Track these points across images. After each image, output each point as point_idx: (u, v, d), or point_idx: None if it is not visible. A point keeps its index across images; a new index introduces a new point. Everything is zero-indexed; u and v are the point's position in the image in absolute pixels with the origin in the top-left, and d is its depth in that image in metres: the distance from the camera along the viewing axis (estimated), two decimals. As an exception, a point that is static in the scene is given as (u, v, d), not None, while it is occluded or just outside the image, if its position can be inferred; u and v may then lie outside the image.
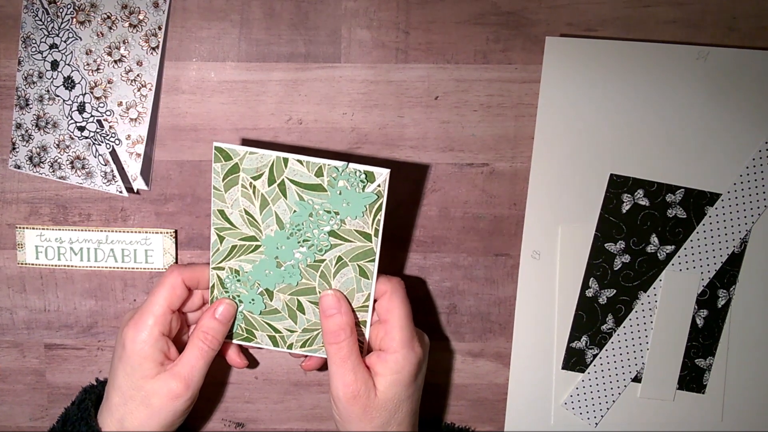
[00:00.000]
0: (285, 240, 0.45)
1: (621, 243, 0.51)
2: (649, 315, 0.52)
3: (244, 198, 0.44)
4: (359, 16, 0.49)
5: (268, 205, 0.44)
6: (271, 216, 0.44)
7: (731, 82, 0.49)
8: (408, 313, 0.46)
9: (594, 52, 0.49)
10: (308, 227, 0.44)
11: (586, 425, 0.53)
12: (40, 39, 0.49)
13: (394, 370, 0.45)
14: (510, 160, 0.51)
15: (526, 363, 0.53)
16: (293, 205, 0.44)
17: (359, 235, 0.44)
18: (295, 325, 0.47)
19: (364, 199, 0.43)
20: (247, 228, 0.45)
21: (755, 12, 0.49)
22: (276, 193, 0.44)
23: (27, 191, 0.52)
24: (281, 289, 0.46)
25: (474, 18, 0.50)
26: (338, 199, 0.43)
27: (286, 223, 0.44)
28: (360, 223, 0.44)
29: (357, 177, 0.43)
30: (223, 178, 0.43)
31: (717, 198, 0.51)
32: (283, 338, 0.48)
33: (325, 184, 0.43)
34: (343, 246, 0.45)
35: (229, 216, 0.45)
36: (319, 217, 0.44)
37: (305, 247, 0.45)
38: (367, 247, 0.45)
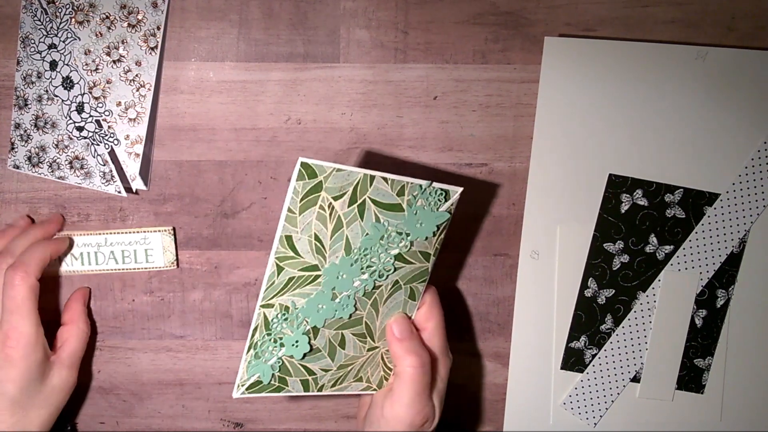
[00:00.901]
0: (348, 267, 0.41)
1: (620, 243, 0.51)
2: (648, 315, 0.52)
3: (318, 221, 0.40)
4: (358, 16, 0.49)
5: (342, 228, 0.41)
6: (341, 241, 0.41)
7: (730, 82, 0.49)
8: (443, 320, 0.46)
9: (593, 52, 0.49)
10: (376, 251, 0.42)
11: (585, 425, 0.53)
12: (39, 39, 0.49)
13: (438, 378, 0.46)
14: (509, 160, 0.51)
15: (525, 363, 0.53)
16: (368, 227, 0.41)
17: (421, 256, 0.43)
18: (332, 363, 0.44)
19: (437, 219, 0.42)
20: (312, 256, 0.41)
21: (754, 12, 0.49)
22: (354, 215, 0.40)
23: (26, 191, 0.52)
24: (329, 324, 0.43)
25: (473, 18, 0.50)
26: (413, 219, 0.41)
27: (354, 248, 0.41)
28: (425, 244, 0.43)
29: (436, 196, 0.41)
30: (303, 197, 0.39)
31: (716, 198, 0.51)
32: (315, 380, 0.44)
33: (404, 204, 0.41)
34: (404, 269, 0.43)
35: (296, 243, 0.40)
36: (390, 239, 0.42)
37: (367, 274, 0.42)
38: (423, 268, 0.43)
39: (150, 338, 0.54)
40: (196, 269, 0.53)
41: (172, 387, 0.54)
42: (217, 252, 0.53)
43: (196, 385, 0.54)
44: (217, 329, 0.54)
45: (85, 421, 0.55)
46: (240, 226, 0.52)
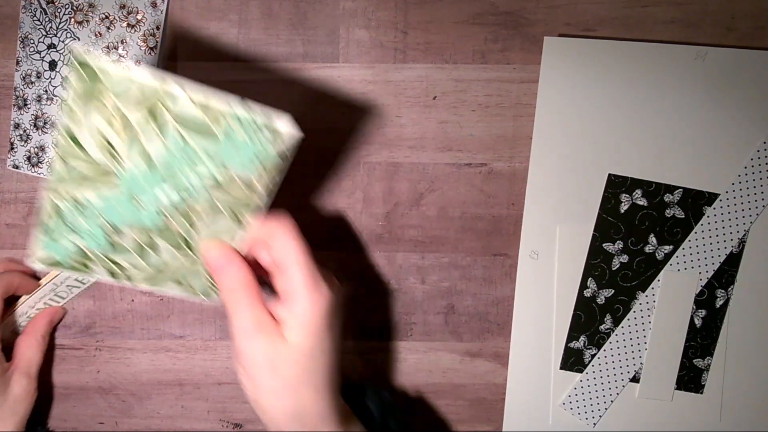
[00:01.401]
0: (150, 179, 0.37)
1: (619, 243, 0.51)
2: (647, 315, 0.52)
3: (102, 119, 0.34)
4: (357, 16, 0.49)
5: (137, 137, 0.35)
6: (137, 147, 0.35)
7: (729, 82, 0.49)
8: (306, 251, 0.39)
9: (592, 52, 0.49)
10: (184, 170, 0.36)
11: (585, 425, 0.53)
12: (39, 39, 0.49)
13: (302, 317, 0.38)
14: (508, 160, 0.51)
15: (525, 363, 0.53)
16: (171, 143, 0.35)
17: (243, 185, 0.38)
18: (141, 262, 0.40)
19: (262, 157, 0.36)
20: (102, 157, 0.36)
21: (753, 12, 0.49)
22: (150, 127, 0.34)
23: (25, 191, 0.52)
24: (132, 228, 0.39)
25: (472, 18, 0.50)
26: (229, 149, 0.36)
27: (156, 162, 0.36)
28: (249, 175, 0.37)
29: (259, 129, 0.35)
30: (84, 94, 0.33)
31: (715, 198, 0.51)
32: (125, 272, 0.41)
33: (219, 135, 0.35)
34: (222, 194, 0.38)
35: (80, 139, 0.35)
36: (200, 161, 0.36)
37: (173, 190, 0.37)
38: (247, 198, 0.38)
39: (149, 338, 0.54)
40: (195, 269, 0.53)
41: (172, 387, 0.54)
42: (217, 252, 0.53)
43: (195, 386, 0.54)
44: (217, 329, 0.54)
45: (85, 421, 0.55)
46: (239, 226, 0.52)
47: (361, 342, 0.54)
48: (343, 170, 0.51)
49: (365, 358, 0.55)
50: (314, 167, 0.51)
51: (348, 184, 0.52)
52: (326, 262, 0.53)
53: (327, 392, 0.40)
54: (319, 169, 0.51)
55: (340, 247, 0.53)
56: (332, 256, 0.53)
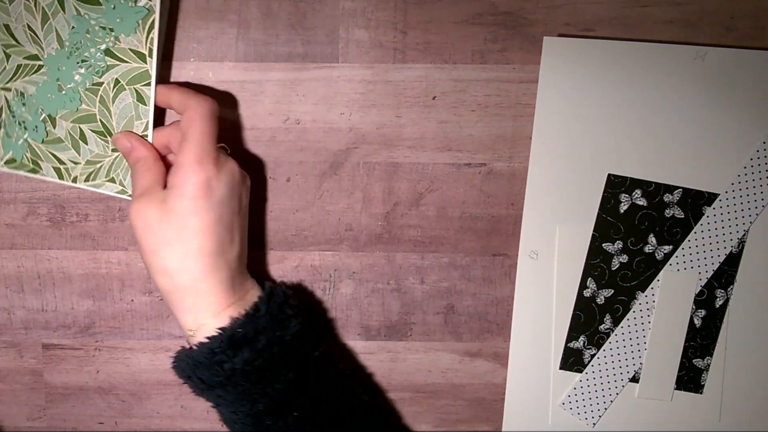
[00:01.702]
0: (65, 60, 0.45)
1: (619, 243, 0.51)
2: (647, 315, 0.52)
3: (26, 12, 0.45)
4: (357, 16, 0.49)
5: (49, 20, 0.45)
6: (51, 33, 0.45)
7: (729, 82, 0.49)
8: (206, 131, 0.44)
9: (592, 52, 0.49)
10: (86, 45, 0.45)
11: (584, 425, 0.53)
12: None
13: (180, 182, 0.43)
14: (508, 160, 0.51)
15: (524, 363, 0.53)
16: (71, 20, 0.44)
17: (134, 54, 0.45)
18: (78, 156, 0.48)
19: (136, 14, 0.44)
20: (31, 45, 0.46)
21: (753, 12, 0.49)
22: (55, 7, 0.44)
23: (25, 191, 0.52)
24: (63, 115, 0.47)
25: (472, 18, 0.49)
26: (112, 14, 0.44)
27: (65, 41, 0.45)
28: (134, 41, 0.44)
29: None
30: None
31: (715, 198, 0.51)
32: (68, 170, 0.48)
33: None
34: (120, 67, 0.45)
35: (14, 31, 0.46)
36: (95, 33, 0.45)
37: (84, 69, 0.45)
38: (142, 69, 0.45)
39: (149, 338, 0.54)
40: (194, 269, 0.53)
41: (171, 387, 0.54)
42: (216, 252, 0.52)
43: (195, 385, 0.54)
44: (216, 329, 0.54)
45: (84, 421, 0.55)
46: (239, 226, 0.52)
47: (361, 342, 0.54)
48: (343, 170, 0.51)
49: (365, 357, 0.55)
50: (313, 167, 0.51)
51: (347, 184, 0.52)
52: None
53: (200, 255, 0.44)
54: (319, 170, 0.51)
55: (340, 247, 0.53)
56: (332, 255, 0.53)
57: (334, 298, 0.54)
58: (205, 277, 0.44)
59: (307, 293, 0.53)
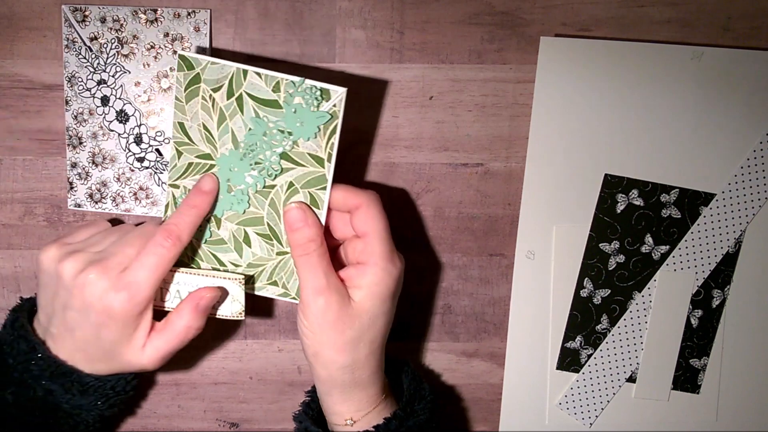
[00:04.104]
0: (238, 161, 0.44)
1: (615, 243, 0.51)
2: (643, 315, 0.52)
3: (203, 111, 0.43)
4: (354, 16, 0.49)
5: (226, 120, 0.43)
6: (227, 133, 0.43)
7: (725, 82, 0.49)
8: (387, 226, 0.44)
9: (588, 52, 0.49)
10: (261, 148, 0.43)
11: (581, 425, 0.53)
12: (87, 77, 0.49)
13: (374, 282, 0.43)
14: (504, 160, 0.51)
15: (521, 363, 0.53)
16: (249, 122, 0.43)
17: (312, 159, 0.43)
18: (240, 258, 0.46)
19: (318, 119, 0.42)
20: (204, 144, 0.44)
21: (749, 12, 0.49)
22: (234, 108, 0.43)
23: (22, 191, 0.52)
24: (229, 217, 0.45)
25: (468, 18, 0.50)
26: (292, 117, 0.42)
27: (240, 142, 0.43)
28: (313, 145, 0.43)
29: (312, 94, 0.41)
30: (185, 88, 0.43)
31: (711, 198, 0.51)
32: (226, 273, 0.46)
33: (281, 101, 0.42)
34: (295, 171, 0.43)
35: (188, 130, 0.44)
36: (273, 136, 0.43)
37: (257, 171, 0.44)
38: (319, 173, 0.43)
39: (146, 338, 0.54)
40: (191, 269, 0.53)
41: (168, 387, 0.54)
42: (213, 252, 0.53)
43: (191, 385, 0.54)
44: (213, 330, 0.54)
45: (81, 421, 0.55)
46: (236, 226, 0.52)
47: (358, 342, 0.54)
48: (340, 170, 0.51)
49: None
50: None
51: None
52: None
53: (379, 352, 0.45)
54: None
55: (337, 247, 0.53)
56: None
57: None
58: (378, 371, 0.45)
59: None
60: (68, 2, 0.48)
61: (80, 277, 0.42)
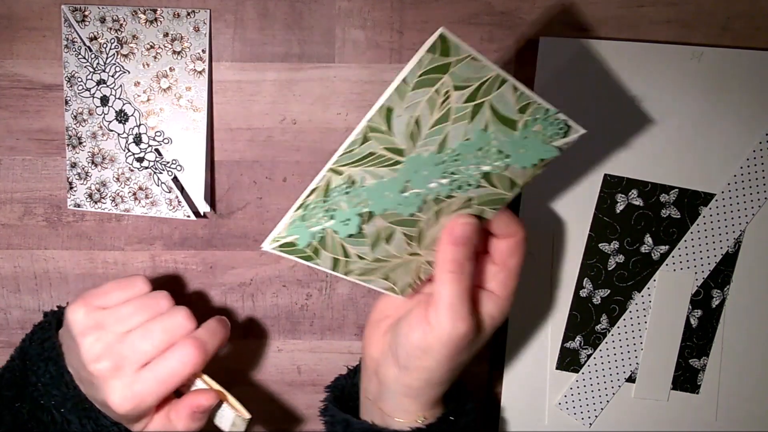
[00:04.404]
0: (432, 166, 0.38)
1: (615, 243, 0.51)
2: (643, 315, 0.52)
3: (427, 104, 0.36)
4: (353, 16, 0.49)
5: (447, 122, 0.37)
6: (438, 135, 0.37)
7: (725, 82, 0.49)
8: (522, 264, 0.43)
9: (588, 52, 0.49)
10: (467, 161, 0.38)
11: (581, 425, 0.54)
12: (86, 77, 0.49)
13: (503, 316, 0.43)
14: (504, 160, 0.51)
15: (521, 363, 0.53)
16: (472, 132, 0.37)
17: (509, 183, 0.40)
18: (370, 252, 0.41)
19: (546, 152, 0.39)
20: (404, 139, 0.37)
21: (749, 12, 0.49)
22: (466, 113, 0.37)
23: (21, 191, 0.52)
24: (386, 215, 0.40)
25: (468, 18, 0.50)
26: (519, 143, 0.38)
27: (447, 149, 0.38)
28: (519, 173, 0.39)
29: (556, 126, 0.38)
30: (423, 73, 0.35)
31: (711, 198, 0.51)
32: (346, 264, 0.42)
33: (519, 123, 0.37)
34: (485, 190, 0.40)
35: (394, 118, 0.37)
36: (488, 154, 0.38)
37: (447, 180, 0.39)
38: (501, 195, 0.40)
39: (145, 338, 0.54)
40: (191, 269, 0.53)
41: (168, 387, 0.54)
42: (212, 252, 0.53)
43: (191, 386, 0.54)
44: (213, 329, 0.54)
45: (80, 421, 0.55)
46: (235, 226, 0.52)
47: (357, 342, 0.54)
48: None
49: (361, 358, 0.55)
50: (309, 167, 0.51)
51: (344, 184, 0.52)
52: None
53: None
54: (315, 170, 0.51)
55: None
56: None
57: (331, 299, 0.54)
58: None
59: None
60: (68, 2, 0.48)
61: (94, 364, 0.42)
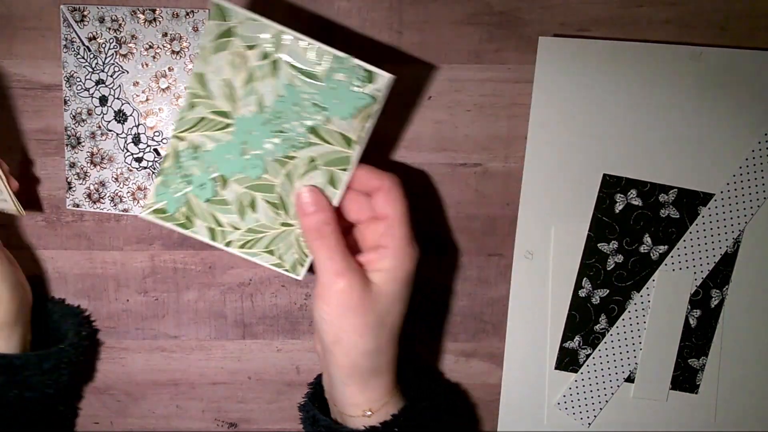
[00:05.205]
0: (260, 125, 0.42)
1: (614, 243, 0.51)
2: (642, 315, 0.52)
3: (230, 67, 0.41)
4: (352, 16, 0.49)
5: (254, 81, 0.41)
6: (253, 95, 0.41)
7: (724, 82, 0.49)
8: (407, 210, 0.43)
9: (587, 52, 0.49)
10: (289, 117, 0.42)
11: (579, 425, 0.54)
12: (85, 76, 0.49)
13: (394, 266, 0.42)
14: (503, 160, 0.51)
15: (519, 363, 0.53)
16: (281, 88, 0.41)
17: (341, 138, 0.42)
18: (241, 221, 0.44)
19: (358, 100, 0.41)
20: (224, 101, 0.42)
21: (748, 12, 0.49)
22: (266, 70, 0.41)
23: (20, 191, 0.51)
24: (238, 179, 0.43)
25: (467, 18, 0.50)
26: (330, 94, 0.41)
27: (266, 107, 0.41)
28: (346, 126, 0.42)
29: (356, 74, 0.40)
30: (215, 38, 0.40)
31: (710, 198, 0.51)
32: (223, 233, 0.45)
33: (321, 74, 0.40)
34: (321, 147, 0.42)
35: (208, 82, 0.41)
36: (304, 108, 0.41)
37: (279, 139, 0.42)
38: (344, 154, 0.42)
39: (144, 338, 0.54)
40: (190, 269, 0.53)
41: (167, 387, 0.54)
42: (212, 252, 0.53)
43: (190, 385, 0.54)
44: (212, 329, 0.54)
45: (80, 421, 0.55)
46: (234, 226, 0.52)
47: (356, 342, 0.54)
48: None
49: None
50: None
51: (343, 184, 0.52)
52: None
53: (397, 339, 0.44)
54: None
55: (335, 247, 0.53)
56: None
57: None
58: (394, 360, 0.44)
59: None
60: (67, 2, 0.48)
61: None
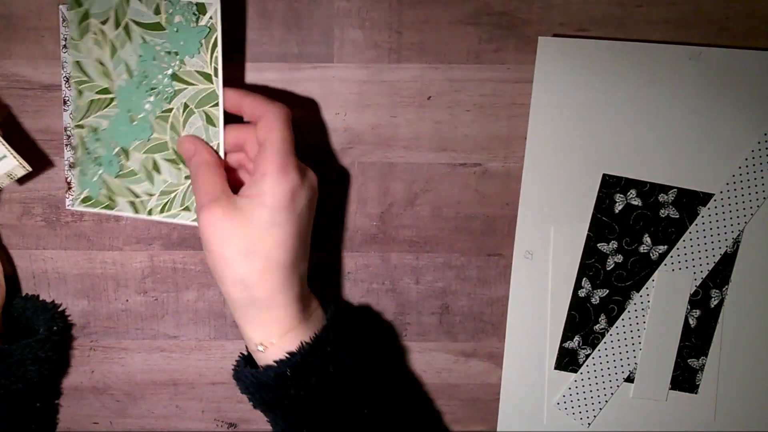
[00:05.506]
0: (135, 90, 0.45)
1: (614, 243, 0.51)
2: (641, 315, 0.52)
3: (96, 46, 0.45)
4: (352, 16, 0.49)
5: (117, 51, 0.45)
6: (121, 63, 0.45)
7: (723, 82, 0.49)
8: (286, 138, 0.42)
9: (586, 52, 0.49)
10: (153, 73, 0.45)
11: (579, 425, 0.54)
12: None
13: (261, 192, 0.41)
14: (503, 160, 0.51)
15: (519, 363, 0.53)
16: (138, 48, 0.44)
17: (200, 76, 0.44)
18: (152, 187, 0.47)
19: (198, 34, 0.43)
20: (102, 79, 0.46)
21: (747, 12, 0.49)
22: (123, 37, 0.44)
23: (20, 191, 0.52)
24: (136, 147, 0.46)
25: (467, 18, 0.50)
26: (176, 37, 0.44)
27: (134, 70, 0.45)
28: (199, 62, 0.44)
29: (189, 10, 0.43)
30: (78, 23, 0.45)
31: (710, 198, 0.51)
32: (143, 204, 0.47)
33: (163, 22, 0.44)
34: (188, 91, 0.45)
35: (85, 67, 0.46)
36: (161, 59, 0.44)
37: (153, 96, 0.45)
38: (209, 90, 0.44)
39: (144, 338, 0.54)
40: (189, 269, 0.53)
41: (166, 387, 0.54)
42: (211, 252, 0.52)
43: (189, 386, 0.54)
44: (211, 329, 0.54)
45: (79, 421, 0.55)
46: (234, 226, 0.52)
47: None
48: (338, 170, 0.51)
49: (360, 358, 0.55)
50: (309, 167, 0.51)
51: (342, 185, 0.52)
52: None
53: (280, 270, 0.42)
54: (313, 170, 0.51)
55: (335, 247, 0.53)
56: (327, 256, 0.53)
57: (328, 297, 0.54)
58: (281, 291, 0.42)
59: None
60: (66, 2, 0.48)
61: None
